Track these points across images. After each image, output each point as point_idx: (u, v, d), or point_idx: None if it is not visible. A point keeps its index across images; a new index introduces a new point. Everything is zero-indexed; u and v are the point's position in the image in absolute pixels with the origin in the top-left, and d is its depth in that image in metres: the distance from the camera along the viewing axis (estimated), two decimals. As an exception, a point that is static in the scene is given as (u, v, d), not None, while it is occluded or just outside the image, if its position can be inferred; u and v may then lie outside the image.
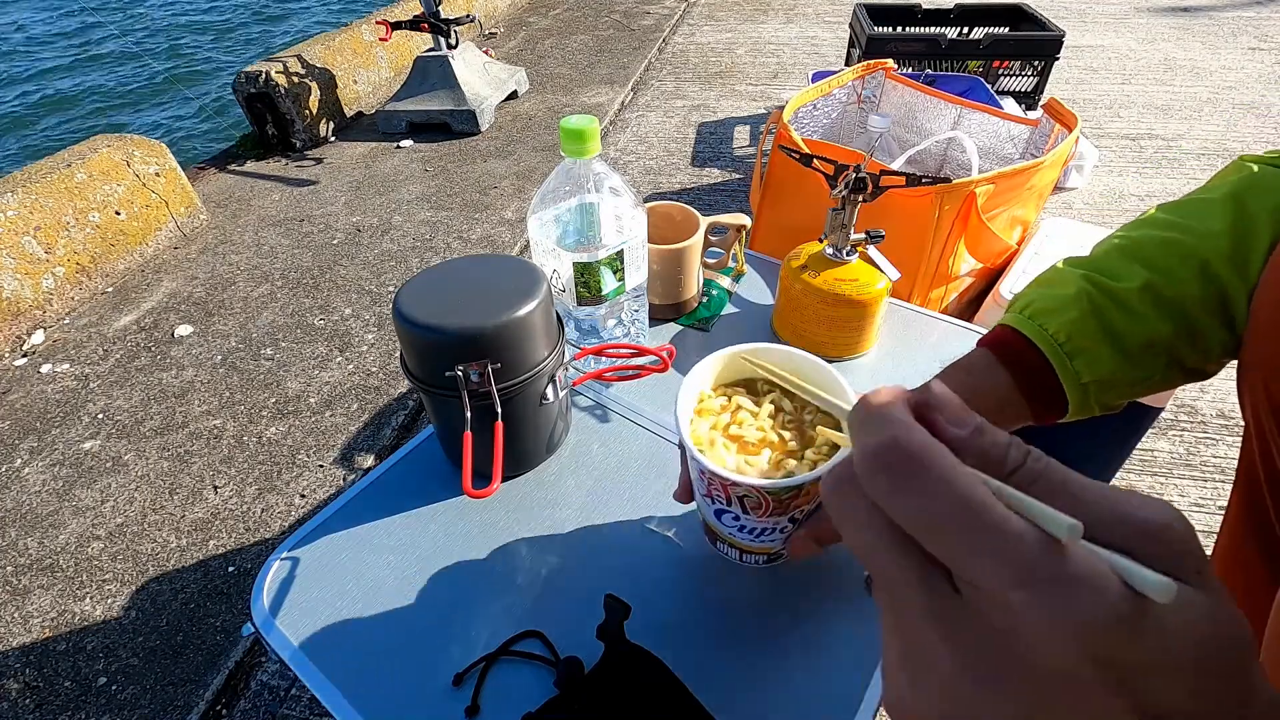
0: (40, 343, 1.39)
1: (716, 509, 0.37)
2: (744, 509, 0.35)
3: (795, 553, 0.38)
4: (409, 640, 0.46)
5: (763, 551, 0.39)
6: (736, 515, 0.36)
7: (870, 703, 0.42)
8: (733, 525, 0.37)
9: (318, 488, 1.04)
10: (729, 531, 0.38)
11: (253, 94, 2.03)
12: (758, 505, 0.34)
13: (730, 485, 0.33)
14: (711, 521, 0.39)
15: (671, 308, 0.73)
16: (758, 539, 0.38)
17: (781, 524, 0.36)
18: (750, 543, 0.38)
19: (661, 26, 3.00)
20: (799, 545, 0.38)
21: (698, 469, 0.35)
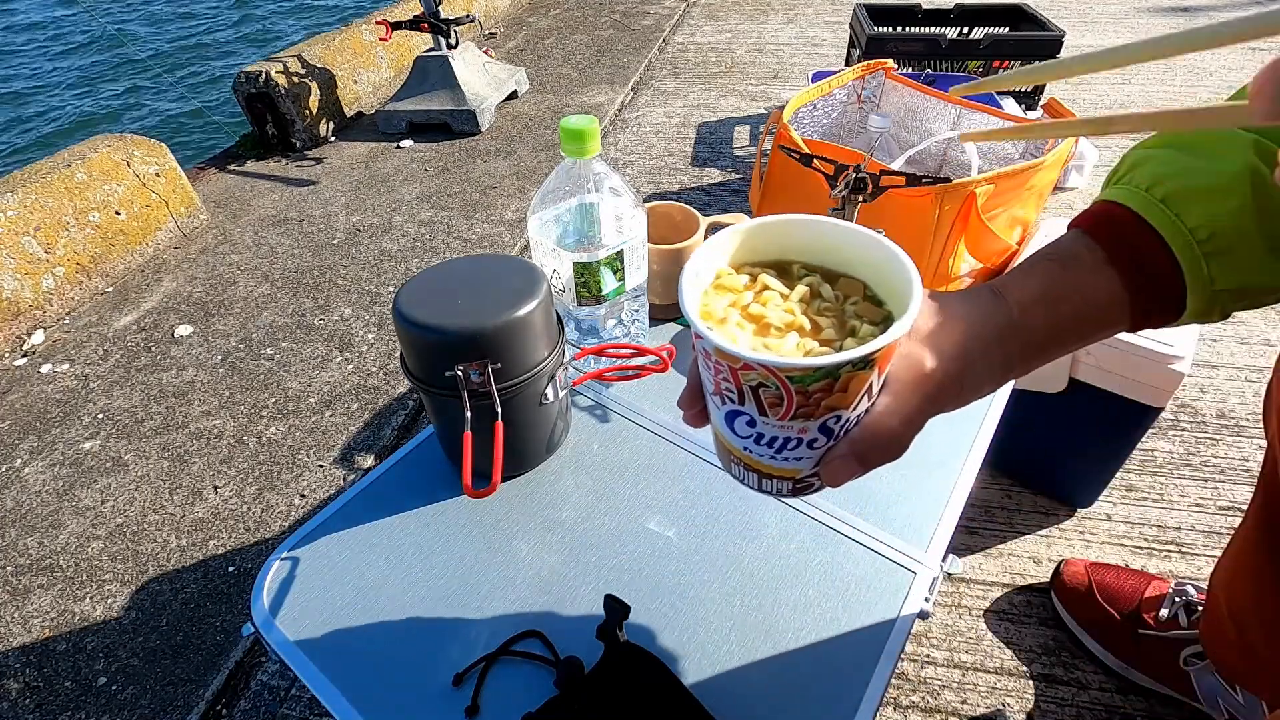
0: (40, 343, 1.39)
1: (727, 411, 0.28)
2: (760, 408, 0.27)
3: (831, 478, 0.29)
4: (409, 640, 0.46)
5: (786, 476, 0.30)
6: (751, 419, 0.27)
7: (870, 703, 0.42)
8: (746, 434, 0.28)
9: (318, 488, 1.04)
10: (742, 444, 0.29)
11: (253, 94, 2.03)
12: (777, 402, 0.26)
13: (740, 369, 0.25)
14: (721, 430, 0.30)
15: (671, 308, 0.73)
16: (779, 455, 0.29)
17: (810, 434, 0.27)
18: (770, 461, 0.29)
19: (661, 26, 3.00)
20: (837, 467, 0.28)
21: (701, 349, 0.27)
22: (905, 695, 0.75)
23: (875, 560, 0.51)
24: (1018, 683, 0.75)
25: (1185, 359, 0.72)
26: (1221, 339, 1.19)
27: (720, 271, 0.31)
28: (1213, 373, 1.13)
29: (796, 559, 0.51)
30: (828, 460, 0.28)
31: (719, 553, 0.51)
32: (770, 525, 0.53)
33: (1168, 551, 0.87)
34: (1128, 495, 0.94)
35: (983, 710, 0.73)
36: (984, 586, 0.85)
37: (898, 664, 0.53)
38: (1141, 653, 0.72)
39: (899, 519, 0.54)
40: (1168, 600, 0.72)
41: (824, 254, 0.32)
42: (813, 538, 0.52)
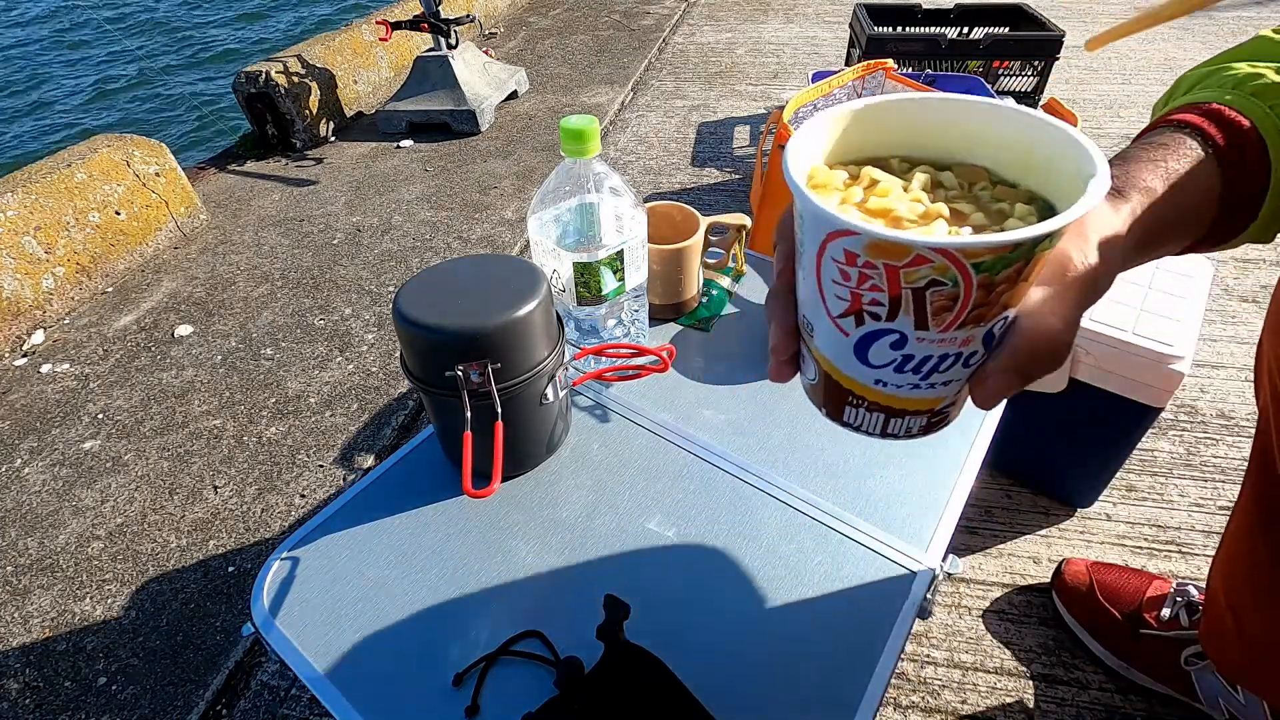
0: (40, 343, 1.39)
1: (866, 334, 0.23)
2: (921, 318, 0.22)
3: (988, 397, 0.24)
4: (409, 640, 0.46)
5: (923, 409, 0.26)
6: (900, 338, 0.23)
7: (870, 703, 0.42)
8: (886, 361, 0.24)
9: (318, 488, 1.04)
10: (874, 376, 0.25)
11: (253, 94, 2.03)
12: (947, 305, 0.21)
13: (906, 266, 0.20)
14: (848, 371, 0.25)
15: (671, 308, 0.73)
16: (925, 381, 0.24)
17: (972, 346, 0.23)
18: (909, 393, 0.25)
19: (661, 26, 3.00)
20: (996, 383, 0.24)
21: (840, 254, 0.22)
22: (905, 695, 0.75)
23: (875, 560, 0.51)
24: (1018, 683, 0.75)
25: (1185, 359, 0.72)
26: (1221, 339, 1.19)
27: (812, 171, 0.26)
28: (1213, 373, 1.13)
29: (796, 559, 0.51)
30: (983, 377, 0.24)
31: (719, 553, 0.51)
32: (770, 525, 0.53)
33: (1168, 551, 0.87)
34: (1128, 495, 0.94)
35: (983, 710, 0.73)
36: (984, 586, 0.85)
37: (898, 664, 0.53)
38: (1142, 653, 0.72)
39: (899, 519, 0.54)
40: (1169, 600, 0.72)
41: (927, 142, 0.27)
42: (813, 538, 0.52)
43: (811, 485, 0.56)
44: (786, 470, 0.57)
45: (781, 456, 0.59)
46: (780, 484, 0.56)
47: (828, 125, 0.26)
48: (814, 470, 0.58)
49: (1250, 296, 1.28)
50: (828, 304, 0.24)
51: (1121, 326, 0.75)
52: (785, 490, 0.56)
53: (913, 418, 0.26)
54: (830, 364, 0.26)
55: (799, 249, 0.25)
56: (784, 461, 0.58)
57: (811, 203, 0.22)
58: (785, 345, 0.27)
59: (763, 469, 0.58)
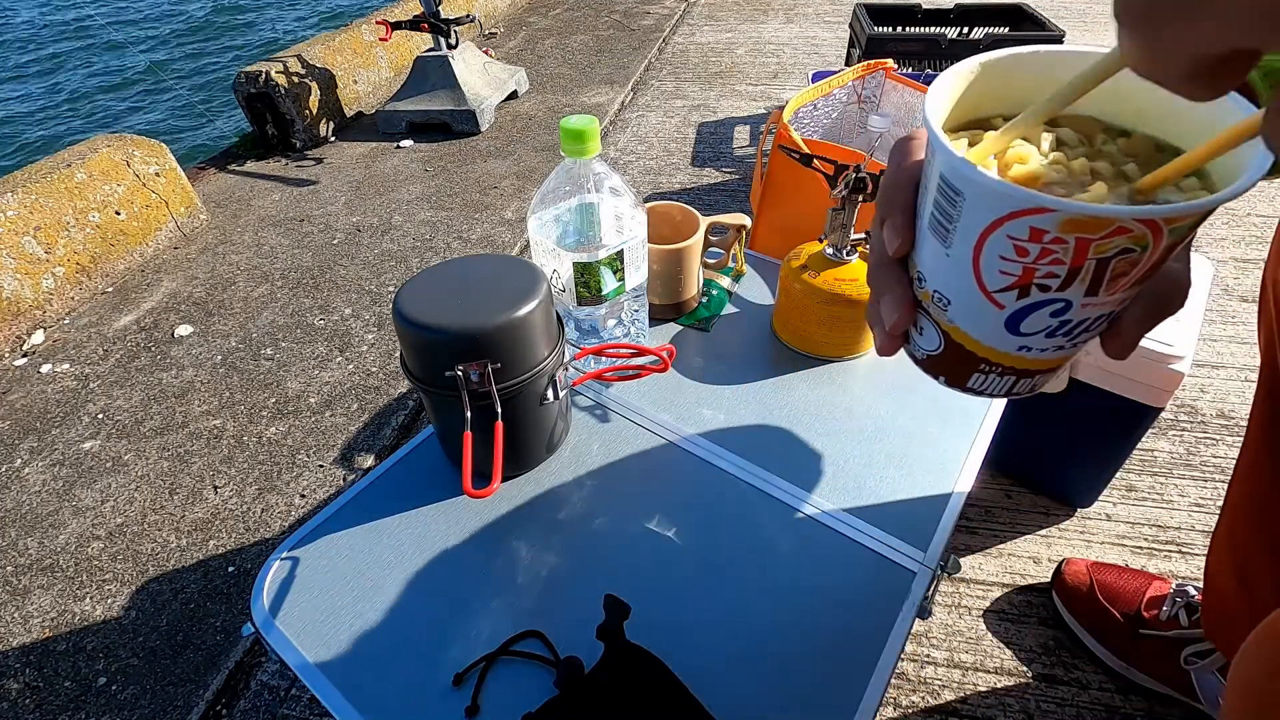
0: (40, 343, 1.39)
1: (1026, 305, 0.23)
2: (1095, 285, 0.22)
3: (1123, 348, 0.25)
4: (409, 640, 0.46)
5: (1056, 364, 0.26)
6: (1067, 304, 0.23)
7: (870, 703, 0.42)
8: (1043, 327, 0.24)
9: (318, 488, 1.04)
10: (1019, 344, 0.25)
11: (253, 94, 2.03)
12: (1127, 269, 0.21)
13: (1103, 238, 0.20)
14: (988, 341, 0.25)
15: (671, 308, 0.73)
16: (1073, 340, 0.24)
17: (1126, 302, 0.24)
18: (1054, 353, 0.25)
19: (661, 26, 3.00)
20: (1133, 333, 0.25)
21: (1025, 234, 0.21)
22: (905, 695, 0.75)
23: (875, 560, 0.51)
24: (1018, 683, 0.75)
25: (1185, 359, 0.72)
26: (1221, 339, 1.19)
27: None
28: (1213, 373, 1.13)
29: (796, 559, 0.51)
30: (1124, 325, 0.25)
31: (719, 552, 0.51)
32: (770, 525, 0.53)
33: (1168, 551, 0.87)
34: (1128, 495, 0.94)
35: (983, 710, 0.73)
36: (984, 586, 0.85)
37: (898, 664, 0.53)
38: (1142, 653, 0.72)
39: (899, 519, 0.54)
40: (1169, 600, 0.72)
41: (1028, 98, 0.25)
42: (813, 538, 0.52)
43: (811, 485, 0.56)
44: (786, 470, 0.57)
45: (781, 456, 0.59)
46: (780, 484, 0.56)
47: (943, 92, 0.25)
48: (814, 470, 0.58)
49: (1250, 296, 1.28)
50: (984, 280, 0.23)
51: (1121, 326, 0.75)
52: (785, 490, 0.56)
53: (1042, 375, 0.26)
54: (965, 335, 0.26)
55: (940, 225, 0.24)
56: (784, 461, 0.58)
57: (991, 180, 0.21)
58: (905, 319, 0.27)
59: (763, 469, 0.58)
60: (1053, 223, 0.20)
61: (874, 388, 0.65)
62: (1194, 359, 0.74)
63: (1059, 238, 0.21)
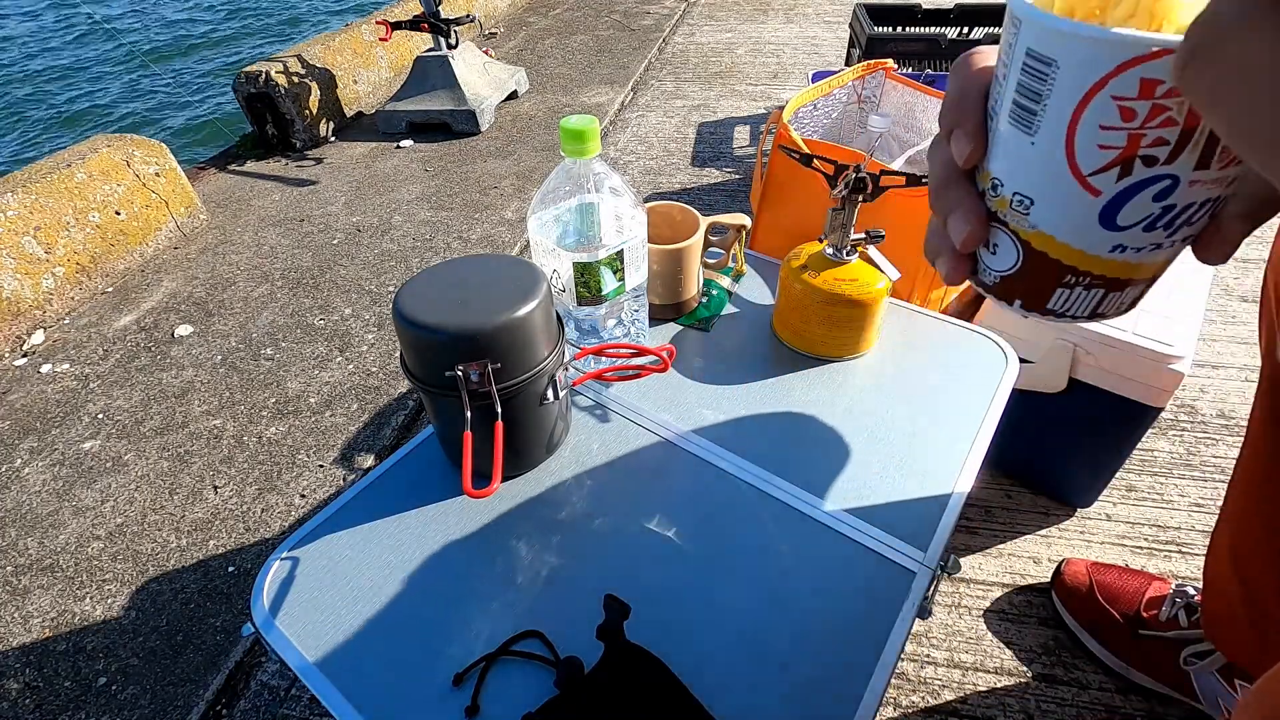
0: (40, 343, 1.39)
1: (1128, 186, 0.21)
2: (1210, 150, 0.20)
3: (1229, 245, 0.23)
4: (409, 640, 0.46)
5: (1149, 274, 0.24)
6: (1174, 182, 0.21)
7: (870, 703, 0.42)
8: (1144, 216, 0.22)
9: (318, 488, 1.04)
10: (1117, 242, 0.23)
11: (253, 94, 2.03)
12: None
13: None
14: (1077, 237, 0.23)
15: (671, 308, 0.73)
16: (1175, 234, 0.23)
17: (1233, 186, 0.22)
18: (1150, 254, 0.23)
19: (661, 26, 3.00)
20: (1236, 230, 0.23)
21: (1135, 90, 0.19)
22: (905, 695, 0.75)
23: (875, 560, 0.51)
24: (1018, 683, 0.75)
25: (1185, 359, 0.72)
26: (1221, 339, 1.19)
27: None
28: (1213, 373, 1.13)
29: (796, 559, 0.51)
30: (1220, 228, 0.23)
31: (718, 552, 0.51)
32: (770, 525, 0.53)
33: (1168, 551, 0.87)
34: (1128, 495, 0.94)
35: (983, 710, 0.73)
36: (984, 586, 0.85)
37: (898, 664, 0.53)
38: (1142, 653, 0.72)
39: (899, 519, 0.54)
40: (1169, 600, 0.72)
41: None
42: (813, 538, 0.52)
43: (811, 485, 0.56)
44: (786, 470, 0.57)
45: (781, 456, 0.59)
46: (780, 484, 0.56)
47: None
48: (814, 470, 0.58)
49: (1250, 296, 1.28)
50: (1079, 161, 0.22)
51: (1121, 326, 0.75)
52: (785, 490, 0.56)
53: (1133, 287, 0.25)
54: (1050, 239, 0.24)
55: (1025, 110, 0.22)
56: (784, 461, 0.58)
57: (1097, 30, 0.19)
58: (978, 231, 0.25)
59: (763, 469, 0.58)
60: (1156, 75, 0.18)
61: (874, 388, 0.65)
62: (1194, 359, 0.74)
63: (1168, 96, 0.19)
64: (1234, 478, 0.59)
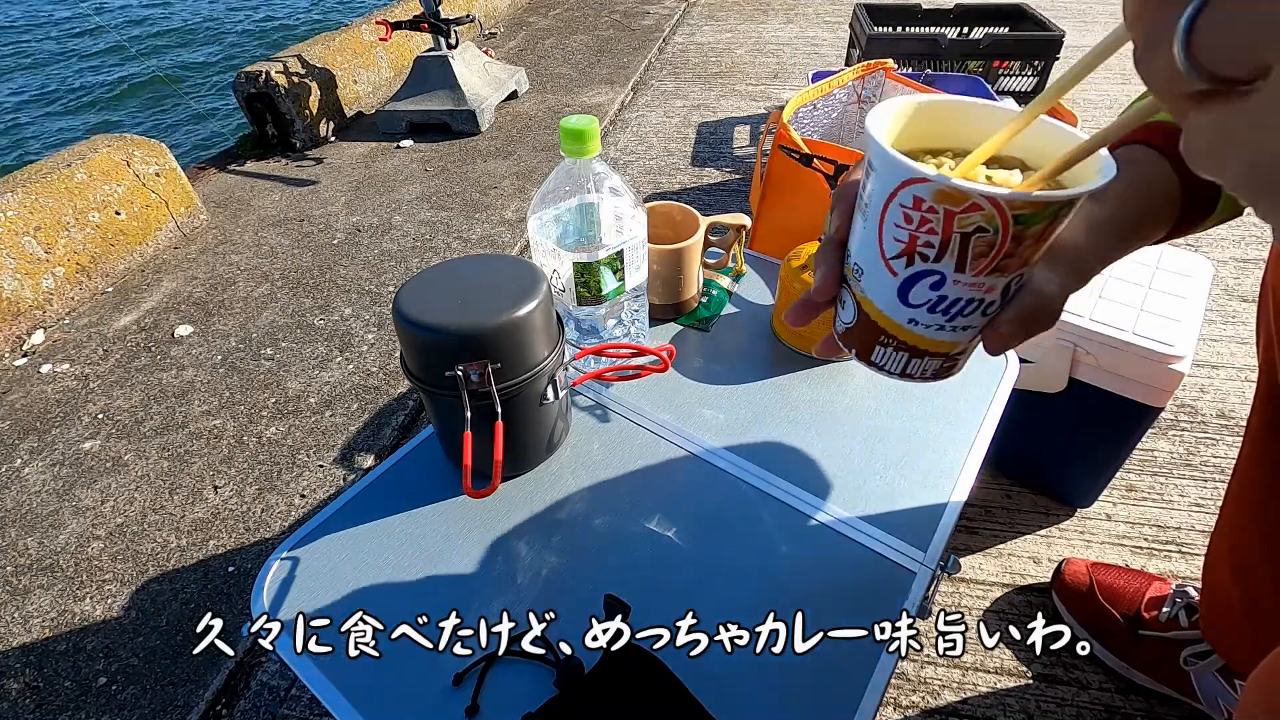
0: (40, 343, 1.39)
1: (911, 275, 0.28)
2: (961, 261, 0.26)
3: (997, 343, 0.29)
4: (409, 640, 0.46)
5: (941, 351, 0.30)
6: (940, 279, 0.27)
7: (870, 703, 0.42)
8: (923, 301, 0.28)
9: (318, 488, 1.04)
10: (909, 316, 0.29)
11: (253, 94, 2.03)
12: (985, 250, 0.26)
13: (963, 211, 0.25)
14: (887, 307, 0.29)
15: (671, 308, 0.73)
16: (951, 323, 0.29)
17: (992, 296, 0.28)
18: (935, 334, 0.29)
19: (661, 26, 3.00)
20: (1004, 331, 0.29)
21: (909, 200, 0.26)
22: (905, 695, 0.75)
23: (875, 560, 0.51)
24: (1018, 683, 0.75)
25: (1185, 359, 0.72)
26: (1221, 339, 1.19)
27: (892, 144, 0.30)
28: (1213, 373, 1.13)
29: (796, 559, 0.51)
30: (994, 327, 0.29)
31: (718, 552, 0.51)
32: (770, 525, 0.53)
33: (1168, 551, 0.87)
34: (1128, 495, 0.94)
35: (983, 710, 0.73)
36: (984, 586, 0.85)
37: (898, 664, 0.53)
38: (1142, 653, 0.72)
39: (899, 519, 0.54)
40: (1169, 601, 0.72)
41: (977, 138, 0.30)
42: (813, 538, 0.52)
43: (811, 485, 0.56)
44: (786, 470, 0.57)
45: (781, 456, 0.59)
46: (780, 484, 0.56)
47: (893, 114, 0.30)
48: (814, 470, 0.58)
49: (1250, 296, 1.28)
50: (884, 246, 0.28)
51: (1121, 326, 0.75)
52: (785, 490, 0.56)
53: (930, 359, 0.31)
54: (872, 304, 0.30)
55: (864, 202, 0.29)
56: (784, 461, 0.58)
57: (893, 155, 0.26)
58: (829, 288, 0.32)
59: (763, 469, 0.58)
60: (928, 191, 0.25)
61: (874, 388, 0.65)
62: (1194, 359, 0.74)
63: (933, 207, 0.25)
64: (1231, 484, 0.59)
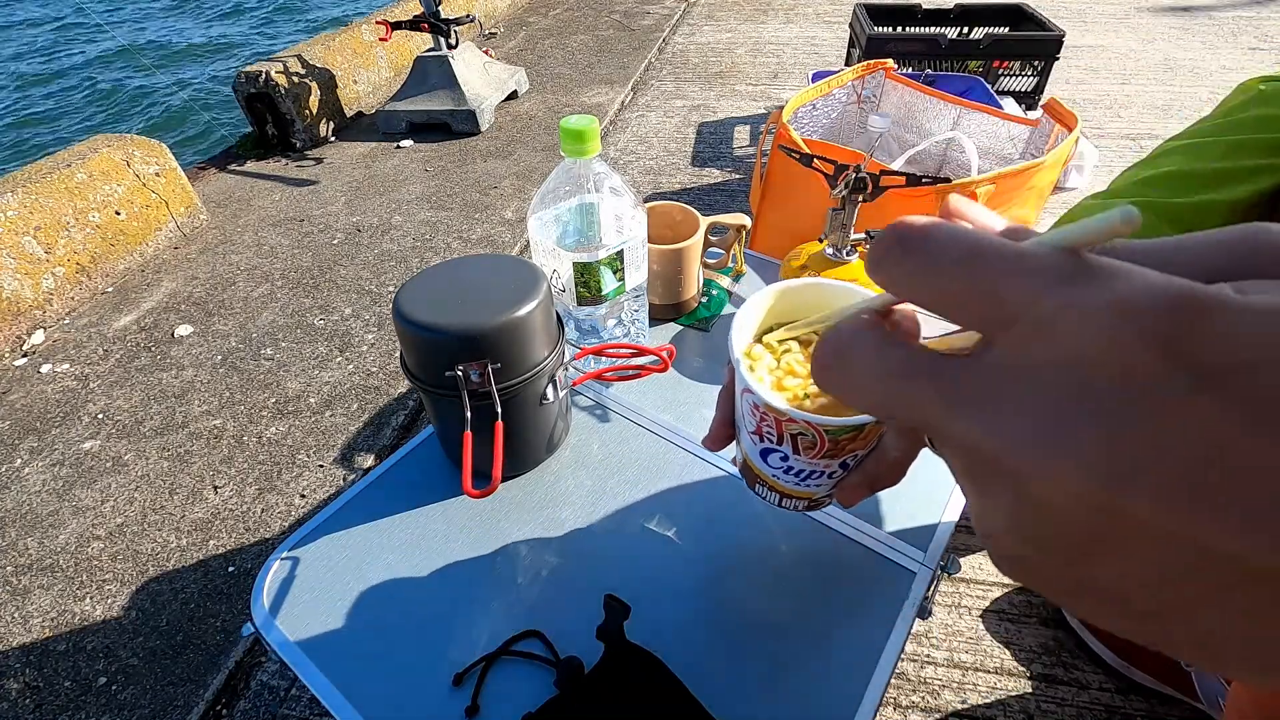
0: (40, 343, 1.39)
1: (764, 448, 0.34)
2: (795, 449, 0.33)
3: (846, 500, 0.35)
4: (409, 640, 0.46)
5: (805, 496, 0.37)
6: (785, 455, 0.34)
7: (870, 703, 0.42)
8: (779, 467, 0.35)
9: (318, 488, 1.04)
10: (773, 473, 0.36)
11: (253, 94, 2.03)
12: (811, 445, 0.32)
13: (786, 422, 0.31)
14: (755, 462, 0.36)
15: (671, 308, 0.73)
16: (804, 483, 0.36)
17: (832, 468, 0.34)
18: (795, 486, 0.36)
19: (661, 26, 3.00)
20: (851, 492, 0.35)
21: (750, 403, 0.33)
22: (905, 695, 0.75)
23: (875, 560, 0.51)
24: (1018, 683, 0.75)
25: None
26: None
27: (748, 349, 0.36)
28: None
29: (796, 559, 0.51)
30: (843, 486, 0.35)
31: (719, 553, 0.51)
32: (770, 525, 0.53)
33: (1168, 551, 0.87)
34: (1128, 495, 0.94)
35: (983, 710, 0.73)
36: (984, 586, 0.85)
37: (898, 664, 0.53)
38: (1143, 653, 0.72)
39: (899, 519, 0.54)
40: (1168, 600, 0.72)
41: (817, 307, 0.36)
42: (813, 538, 0.52)
43: (811, 485, 0.56)
44: (786, 470, 0.57)
45: (781, 456, 0.59)
46: (780, 484, 0.56)
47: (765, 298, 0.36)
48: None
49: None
50: (745, 422, 0.35)
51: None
52: (785, 490, 0.56)
53: (798, 500, 0.37)
54: (746, 456, 0.37)
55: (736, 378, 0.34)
56: (784, 461, 0.58)
57: (735, 360, 0.33)
58: (722, 427, 0.37)
59: (763, 469, 0.58)
60: (759, 402, 0.31)
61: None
62: (1194, 359, 0.74)
63: (765, 413, 0.31)
64: None
